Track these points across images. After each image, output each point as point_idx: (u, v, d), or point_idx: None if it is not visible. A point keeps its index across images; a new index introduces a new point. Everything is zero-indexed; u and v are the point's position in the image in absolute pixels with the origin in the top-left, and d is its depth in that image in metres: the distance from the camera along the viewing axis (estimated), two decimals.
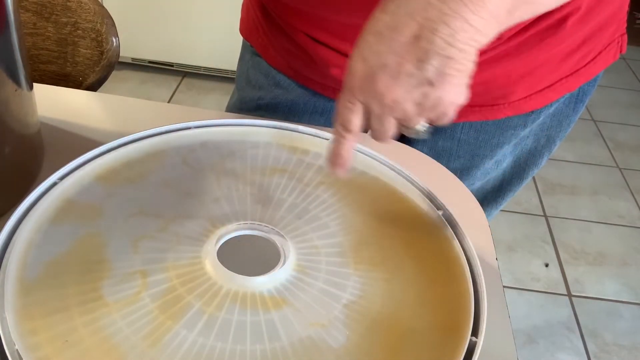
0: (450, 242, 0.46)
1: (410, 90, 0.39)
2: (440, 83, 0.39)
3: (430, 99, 0.39)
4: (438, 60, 0.38)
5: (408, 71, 0.38)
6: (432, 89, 0.39)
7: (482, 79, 0.61)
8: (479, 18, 0.38)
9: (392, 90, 0.39)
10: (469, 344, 0.38)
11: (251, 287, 0.41)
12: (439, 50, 0.38)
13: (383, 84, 0.39)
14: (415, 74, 0.38)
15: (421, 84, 0.39)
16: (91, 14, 0.88)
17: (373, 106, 0.41)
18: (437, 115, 0.41)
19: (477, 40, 0.39)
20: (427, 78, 0.39)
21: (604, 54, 0.65)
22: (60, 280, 0.39)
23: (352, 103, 0.41)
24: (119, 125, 0.62)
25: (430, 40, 0.38)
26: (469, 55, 0.39)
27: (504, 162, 0.73)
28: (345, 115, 0.42)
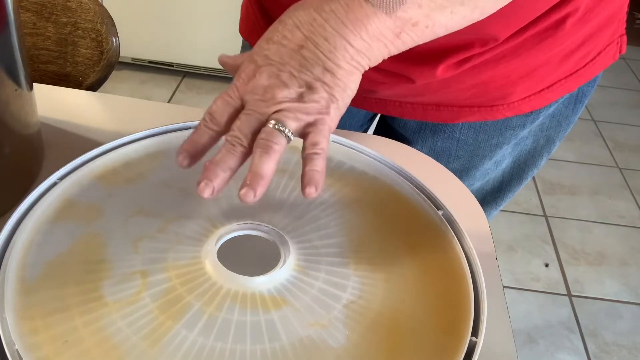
0: (450, 242, 0.46)
1: (289, 86, 0.40)
2: (317, 90, 0.40)
3: (306, 100, 0.40)
4: (318, 70, 0.40)
5: (290, 72, 0.40)
6: (309, 92, 0.40)
7: (481, 80, 0.61)
8: (359, 39, 0.40)
9: (272, 82, 0.40)
10: (469, 344, 0.38)
11: (251, 287, 0.41)
12: (319, 61, 0.40)
13: (265, 76, 0.41)
14: (296, 76, 0.40)
15: (300, 86, 0.40)
16: (91, 14, 0.88)
17: (248, 97, 0.41)
18: (308, 121, 0.40)
19: (357, 60, 0.41)
20: (307, 81, 0.40)
21: (603, 55, 0.65)
22: (60, 280, 0.39)
23: (230, 96, 0.42)
24: (119, 125, 0.62)
25: (312, 51, 0.40)
26: (349, 73, 0.41)
27: (503, 163, 0.74)
28: (217, 104, 0.42)
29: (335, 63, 0.40)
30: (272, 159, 0.39)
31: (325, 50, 0.40)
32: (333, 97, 0.41)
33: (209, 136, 0.42)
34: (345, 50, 0.40)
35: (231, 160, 0.40)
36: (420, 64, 0.59)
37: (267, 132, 0.39)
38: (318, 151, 0.40)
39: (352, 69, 0.41)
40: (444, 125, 0.69)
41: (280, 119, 0.40)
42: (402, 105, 0.67)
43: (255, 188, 0.38)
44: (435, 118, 0.67)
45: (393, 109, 0.68)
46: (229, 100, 0.42)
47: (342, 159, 0.54)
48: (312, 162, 0.39)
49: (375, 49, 0.41)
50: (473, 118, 0.66)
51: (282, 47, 0.41)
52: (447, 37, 0.56)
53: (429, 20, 0.42)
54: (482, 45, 0.57)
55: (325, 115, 0.41)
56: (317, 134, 0.40)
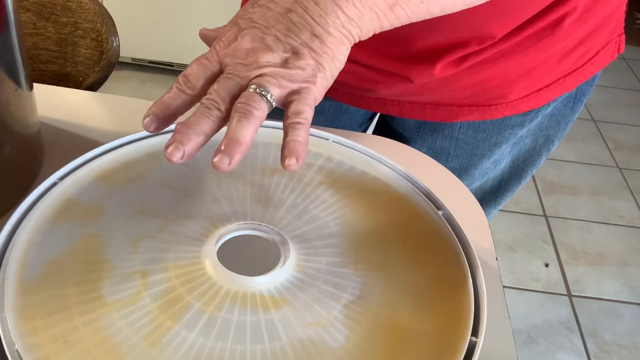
0: (450, 242, 0.46)
1: (273, 49, 0.38)
2: (304, 56, 0.38)
3: (291, 67, 0.37)
4: (306, 34, 0.38)
5: (275, 35, 0.38)
6: (295, 58, 0.38)
7: (479, 79, 0.61)
8: (352, 6, 0.38)
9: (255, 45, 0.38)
10: (469, 344, 0.38)
11: (251, 287, 0.41)
12: (307, 25, 0.38)
13: (247, 39, 0.38)
14: (282, 40, 0.38)
15: (285, 50, 0.38)
16: (91, 14, 0.88)
17: (228, 60, 0.38)
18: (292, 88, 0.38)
19: (348, 29, 0.39)
20: (293, 46, 0.38)
21: (601, 54, 0.65)
22: (60, 280, 0.39)
23: (208, 59, 0.39)
24: (119, 125, 0.62)
25: (300, 14, 0.38)
26: (338, 42, 0.39)
27: (502, 162, 0.74)
28: (192, 67, 0.39)
29: (325, 29, 0.38)
30: (251, 124, 0.36)
31: (315, 15, 0.38)
32: (320, 66, 0.38)
33: (181, 100, 0.39)
34: (337, 16, 0.38)
35: (206, 124, 0.36)
36: (417, 63, 0.59)
37: (246, 96, 0.36)
38: (301, 120, 0.37)
39: (341, 37, 0.39)
40: (443, 125, 0.69)
41: (262, 84, 0.37)
42: (401, 105, 0.67)
43: (231, 154, 0.35)
44: (433, 117, 0.67)
45: (392, 108, 0.68)
46: (206, 63, 0.39)
47: (342, 159, 0.54)
48: (294, 131, 0.37)
49: (367, 19, 0.39)
50: (472, 117, 0.66)
51: (269, 10, 0.39)
52: (443, 36, 0.56)
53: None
54: (479, 43, 0.57)
55: (310, 84, 0.38)
56: (301, 103, 0.37)
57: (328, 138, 0.56)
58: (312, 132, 0.56)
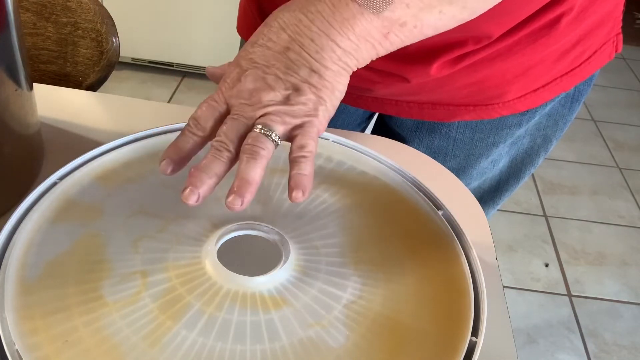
0: (450, 242, 0.46)
1: (274, 88, 0.39)
2: (304, 92, 0.40)
3: (292, 103, 0.39)
4: (304, 71, 0.40)
5: (275, 74, 0.40)
6: (296, 94, 0.39)
7: (476, 79, 0.61)
8: (347, 39, 0.40)
9: (258, 85, 0.40)
10: (469, 344, 0.38)
11: (251, 287, 0.41)
12: (306, 62, 0.40)
13: (250, 79, 0.40)
14: (282, 78, 0.40)
15: (286, 88, 0.40)
16: (91, 14, 0.88)
17: (233, 101, 0.40)
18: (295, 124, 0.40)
19: (345, 61, 0.40)
20: (293, 83, 0.40)
21: (599, 54, 0.65)
22: (60, 280, 0.39)
23: (215, 101, 0.41)
24: (119, 125, 0.62)
25: (298, 52, 0.40)
26: (336, 74, 0.40)
27: (500, 162, 0.74)
28: (202, 109, 0.41)
29: (322, 64, 0.40)
30: (259, 165, 0.38)
31: (312, 51, 0.40)
32: (321, 99, 0.40)
33: (193, 142, 0.41)
34: (332, 50, 0.40)
35: (217, 166, 0.39)
36: (414, 63, 0.59)
37: (253, 137, 0.38)
38: (306, 154, 0.39)
39: (339, 70, 0.40)
40: (441, 124, 0.69)
41: (266, 123, 0.39)
42: (399, 104, 0.67)
43: (242, 195, 0.37)
44: (431, 117, 0.67)
45: (389, 108, 0.68)
46: (214, 105, 0.41)
47: (342, 159, 0.54)
48: (299, 165, 0.39)
49: (363, 50, 0.41)
50: (469, 117, 0.66)
51: (268, 49, 0.41)
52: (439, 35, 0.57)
53: (417, 21, 0.41)
54: (475, 43, 0.57)
55: (313, 117, 0.40)
56: (305, 137, 0.39)
57: (328, 138, 0.56)
58: None
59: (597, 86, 2.54)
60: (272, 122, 0.39)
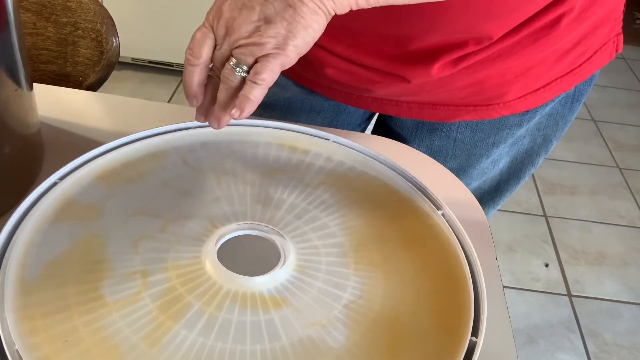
0: (450, 242, 0.46)
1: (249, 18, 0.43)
2: (275, 24, 0.42)
3: (262, 35, 0.42)
4: (280, 4, 0.42)
5: (252, 5, 0.43)
6: (267, 27, 0.42)
7: (477, 79, 0.61)
8: None
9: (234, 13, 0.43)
10: (469, 344, 0.38)
11: (251, 287, 0.41)
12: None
13: (229, 7, 0.43)
14: (257, 9, 0.42)
15: (259, 20, 0.42)
16: (91, 14, 0.88)
17: (218, 30, 0.44)
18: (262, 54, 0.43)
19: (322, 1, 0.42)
20: (267, 15, 0.42)
21: (599, 54, 0.65)
22: (60, 280, 0.39)
23: (206, 28, 0.45)
24: (119, 125, 0.62)
25: None
26: (312, 12, 0.42)
27: (500, 162, 0.74)
28: (196, 38, 0.45)
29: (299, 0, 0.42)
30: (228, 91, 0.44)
31: None
32: (291, 34, 0.42)
33: (198, 71, 0.45)
34: None
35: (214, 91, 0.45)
36: (415, 63, 0.59)
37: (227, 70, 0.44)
38: (258, 81, 0.43)
39: (315, 8, 0.42)
40: (441, 125, 0.69)
41: (237, 57, 0.43)
42: (399, 104, 0.67)
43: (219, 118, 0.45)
44: (431, 117, 0.67)
45: (390, 108, 0.68)
46: (204, 31, 0.45)
47: (342, 159, 0.54)
48: (248, 88, 0.43)
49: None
50: (469, 117, 0.66)
51: None
52: (441, 36, 0.57)
53: None
54: (476, 44, 0.57)
55: (280, 50, 0.42)
56: (263, 65, 0.42)
57: (328, 138, 0.56)
58: (312, 132, 0.56)
59: (597, 86, 2.54)
60: (242, 56, 0.43)
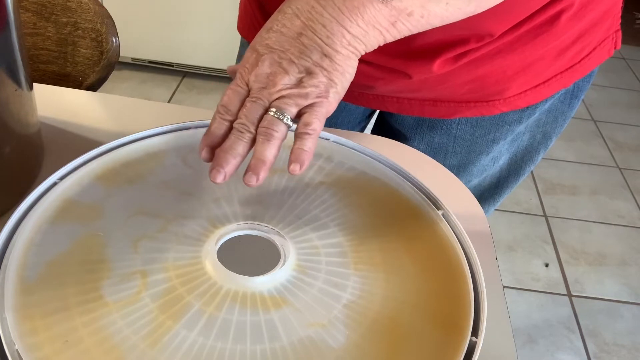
0: (450, 242, 0.46)
1: (289, 72, 0.43)
2: (316, 75, 0.42)
3: (305, 86, 0.42)
4: (316, 55, 0.42)
5: (290, 58, 0.43)
6: (308, 77, 0.42)
7: (477, 75, 0.62)
8: (356, 26, 0.43)
9: (273, 69, 0.43)
10: (469, 344, 0.38)
11: (251, 287, 0.41)
12: (317, 46, 0.42)
13: (267, 64, 0.43)
14: (296, 63, 0.42)
15: (300, 71, 0.43)
16: (91, 14, 0.88)
17: (252, 85, 0.44)
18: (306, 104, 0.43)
19: (354, 46, 0.43)
20: (306, 67, 0.43)
21: (598, 50, 0.65)
22: (60, 280, 0.39)
23: (239, 85, 0.44)
24: (119, 125, 0.62)
25: (310, 38, 0.43)
26: (346, 58, 0.43)
27: (500, 159, 0.74)
28: (228, 95, 0.44)
29: (333, 48, 0.42)
30: (272, 145, 0.42)
31: (323, 37, 0.42)
32: (332, 82, 0.43)
33: (225, 127, 0.44)
34: (342, 36, 0.42)
35: (240, 146, 0.42)
36: (416, 59, 0.60)
37: (268, 121, 0.42)
38: (309, 131, 0.42)
39: (349, 54, 0.43)
40: (441, 121, 0.69)
41: (280, 107, 0.42)
42: (400, 101, 0.67)
43: (257, 172, 0.42)
44: (432, 114, 0.67)
45: (390, 105, 0.68)
46: (237, 89, 0.44)
47: (342, 159, 0.54)
48: (301, 141, 0.42)
49: (371, 36, 0.43)
50: (469, 113, 0.66)
51: (282, 35, 0.43)
52: (443, 33, 0.57)
53: (424, 11, 0.43)
54: (477, 41, 0.57)
55: (323, 98, 0.43)
56: (312, 115, 0.42)
57: (328, 138, 0.56)
58: None
59: (597, 86, 2.54)
60: (285, 105, 0.42)
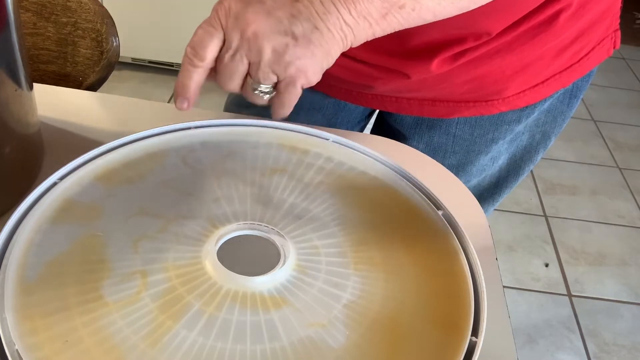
0: (450, 242, 0.46)
1: (274, 32, 0.41)
2: (302, 44, 0.42)
3: (288, 53, 0.42)
4: (308, 24, 0.42)
5: (279, 16, 0.41)
6: (293, 44, 0.41)
7: (476, 75, 0.62)
8: (348, 14, 0.42)
9: (259, 22, 0.41)
10: (469, 344, 0.38)
11: (251, 287, 0.41)
12: (311, 17, 0.42)
13: (253, 13, 0.41)
14: (284, 23, 0.41)
15: (286, 33, 0.41)
16: (91, 14, 0.88)
17: (233, 35, 0.42)
18: (286, 76, 0.42)
19: (345, 32, 0.43)
20: (293, 32, 0.42)
21: (597, 50, 0.65)
22: (60, 280, 0.39)
23: (214, 27, 0.42)
24: (119, 125, 0.62)
25: (306, 6, 0.42)
26: (333, 38, 0.43)
27: (499, 159, 0.74)
28: (200, 36, 0.42)
29: (326, 25, 0.42)
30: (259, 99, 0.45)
31: (320, 11, 0.42)
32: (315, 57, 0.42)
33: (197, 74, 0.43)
34: (337, 18, 0.42)
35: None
36: (414, 59, 0.60)
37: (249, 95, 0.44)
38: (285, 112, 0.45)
39: (338, 37, 0.43)
40: (440, 121, 0.69)
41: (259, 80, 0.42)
42: (399, 101, 0.67)
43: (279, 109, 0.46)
44: (431, 113, 0.67)
45: (389, 105, 0.68)
46: (211, 30, 0.42)
47: (342, 159, 0.54)
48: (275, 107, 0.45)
49: (360, 27, 0.43)
50: (468, 113, 0.66)
51: None
52: (440, 32, 0.57)
53: (416, 4, 0.43)
54: (475, 40, 0.57)
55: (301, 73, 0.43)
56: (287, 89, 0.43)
57: (328, 138, 0.56)
58: (312, 132, 0.56)
59: (597, 86, 2.54)
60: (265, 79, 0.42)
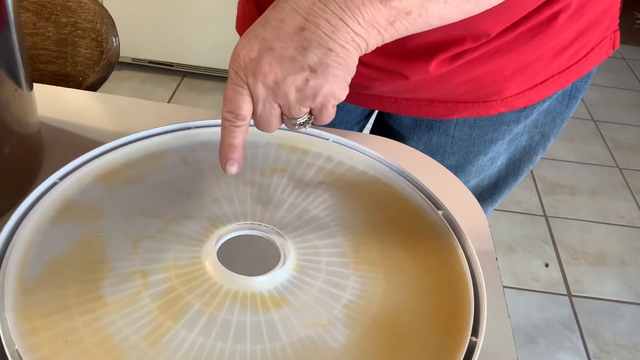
0: (450, 242, 0.46)
1: (292, 73, 0.41)
2: (321, 72, 0.42)
3: (311, 86, 0.42)
4: (320, 50, 0.41)
5: (291, 55, 0.41)
6: (313, 76, 0.41)
7: (475, 76, 0.62)
8: (357, 24, 0.42)
9: (275, 70, 0.41)
10: (469, 344, 0.38)
11: (251, 287, 0.41)
12: (321, 41, 0.41)
13: (267, 63, 0.41)
14: (298, 60, 0.41)
15: (303, 69, 0.41)
16: (91, 14, 0.88)
17: (258, 89, 0.42)
18: (316, 105, 0.43)
19: (357, 42, 0.43)
20: (309, 65, 0.41)
21: (596, 50, 0.65)
22: (60, 280, 0.39)
23: (240, 86, 0.43)
24: (119, 125, 0.62)
25: (313, 32, 0.41)
26: (349, 53, 0.42)
27: (498, 159, 0.74)
28: (234, 99, 0.43)
29: (339, 43, 0.42)
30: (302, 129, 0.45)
31: (328, 31, 0.41)
32: (337, 78, 0.42)
33: (243, 132, 0.43)
34: (347, 32, 0.42)
35: None
36: (412, 60, 0.60)
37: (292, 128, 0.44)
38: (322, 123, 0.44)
39: (353, 50, 0.42)
40: (439, 122, 0.69)
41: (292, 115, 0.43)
42: (397, 101, 0.67)
43: None
44: (429, 114, 0.67)
45: (388, 105, 0.68)
46: (240, 90, 0.43)
47: (342, 159, 0.54)
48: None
49: (371, 35, 0.43)
50: (467, 113, 0.66)
51: (281, 30, 0.42)
52: (438, 33, 0.57)
53: (423, 10, 0.43)
54: (473, 41, 0.57)
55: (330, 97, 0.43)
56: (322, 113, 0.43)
57: (328, 138, 0.56)
58: (312, 132, 0.56)
59: (597, 86, 2.54)
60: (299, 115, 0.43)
